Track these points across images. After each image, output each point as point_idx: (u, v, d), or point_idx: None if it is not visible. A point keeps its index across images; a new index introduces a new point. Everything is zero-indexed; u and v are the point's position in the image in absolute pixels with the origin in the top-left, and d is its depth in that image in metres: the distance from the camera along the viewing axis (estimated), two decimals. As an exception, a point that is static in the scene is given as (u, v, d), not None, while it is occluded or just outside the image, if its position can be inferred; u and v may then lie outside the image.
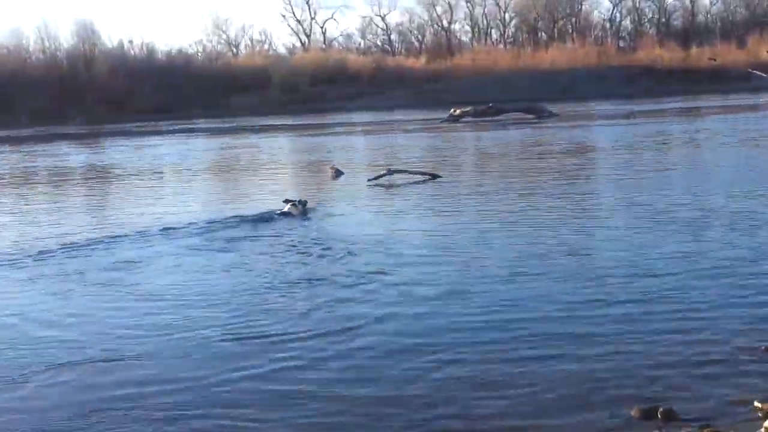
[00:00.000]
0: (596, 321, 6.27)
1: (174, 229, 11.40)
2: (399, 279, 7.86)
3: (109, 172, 21.72)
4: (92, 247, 10.39)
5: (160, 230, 11.31)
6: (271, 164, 22.33)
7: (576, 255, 8.58)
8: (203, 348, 6.13)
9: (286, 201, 12.58)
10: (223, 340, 6.27)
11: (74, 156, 28.78)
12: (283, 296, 7.46)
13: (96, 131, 46.67)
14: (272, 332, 6.40)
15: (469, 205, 12.60)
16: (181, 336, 6.44)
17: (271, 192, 15.56)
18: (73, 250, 10.24)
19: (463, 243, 9.51)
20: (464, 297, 7.13)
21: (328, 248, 9.54)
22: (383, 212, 12.42)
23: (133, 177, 19.81)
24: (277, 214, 12.20)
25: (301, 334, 6.30)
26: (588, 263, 8.19)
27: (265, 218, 12.01)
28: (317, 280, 8.04)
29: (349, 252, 9.20)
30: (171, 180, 19.23)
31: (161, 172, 20.98)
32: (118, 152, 29.17)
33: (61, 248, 10.32)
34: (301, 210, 12.34)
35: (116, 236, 10.98)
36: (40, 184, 19.84)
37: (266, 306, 7.16)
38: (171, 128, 45.75)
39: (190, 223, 11.74)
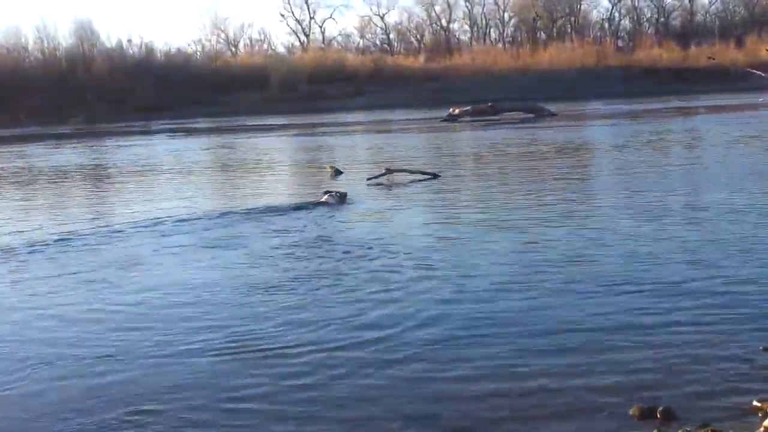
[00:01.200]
0: (596, 319, 6.27)
1: (183, 222, 11.82)
2: (401, 279, 7.87)
3: (114, 170, 21.73)
4: (129, 234, 11.06)
5: (173, 223, 11.75)
6: (270, 163, 22.32)
7: (577, 254, 8.57)
8: (206, 352, 6.13)
9: (326, 192, 13.33)
10: (224, 344, 6.28)
11: (89, 155, 28.76)
12: (282, 295, 7.48)
13: (96, 130, 46.62)
14: (275, 337, 6.41)
15: (471, 206, 12.58)
16: (189, 338, 6.43)
17: (272, 190, 15.61)
18: (112, 239, 10.74)
19: (469, 242, 9.51)
20: (471, 297, 7.13)
21: (336, 247, 9.57)
22: (386, 212, 12.39)
23: (132, 175, 19.81)
24: (314, 204, 12.87)
25: (305, 340, 6.31)
26: (588, 262, 8.18)
27: (302, 208, 12.68)
28: (323, 279, 8.03)
29: (357, 252, 9.20)
30: (172, 177, 19.18)
31: (162, 171, 20.94)
32: (118, 151, 29.16)
33: (90, 236, 10.90)
34: (338, 200, 12.97)
35: (129, 228, 11.47)
36: (44, 181, 19.83)
37: (269, 307, 7.17)
38: (170, 127, 45.71)
39: (200, 217, 12.13)
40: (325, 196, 13.11)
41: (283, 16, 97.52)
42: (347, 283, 7.81)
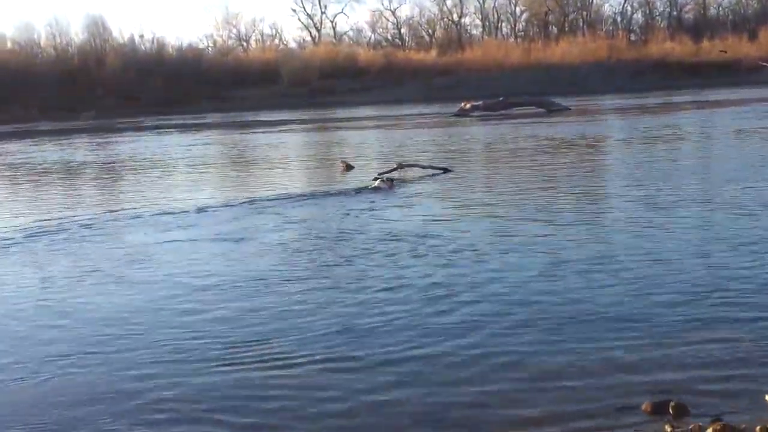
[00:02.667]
0: (607, 314, 6.26)
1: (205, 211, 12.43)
2: (411, 275, 7.89)
3: (129, 163, 21.82)
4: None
5: (201, 210, 12.47)
6: (282, 158, 22.35)
7: (591, 247, 8.56)
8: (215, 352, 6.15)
9: (377, 178, 14.61)
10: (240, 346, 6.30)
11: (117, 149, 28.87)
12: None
13: (108, 126, 46.80)
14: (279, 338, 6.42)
15: (484, 200, 12.55)
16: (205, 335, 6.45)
17: (283, 184, 15.64)
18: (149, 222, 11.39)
19: (484, 238, 9.50)
20: (487, 292, 7.12)
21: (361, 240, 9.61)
22: (402, 206, 12.39)
23: (142, 168, 19.89)
24: (370, 188, 13.98)
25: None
26: (602, 255, 8.16)
27: (360, 192, 13.81)
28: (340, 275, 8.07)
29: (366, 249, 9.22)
30: (183, 171, 19.24)
31: (171, 165, 21.00)
32: (133, 146, 29.27)
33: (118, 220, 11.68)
34: (390, 186, 14.11)
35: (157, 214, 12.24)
36: (54, 175, 19.91)
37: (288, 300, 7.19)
38: (182, 123, 45.83)
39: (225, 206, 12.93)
40: (377, 182, 14.25)
41: (294, 11, 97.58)
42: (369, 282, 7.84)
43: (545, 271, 7.70)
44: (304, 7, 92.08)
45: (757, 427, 4.19)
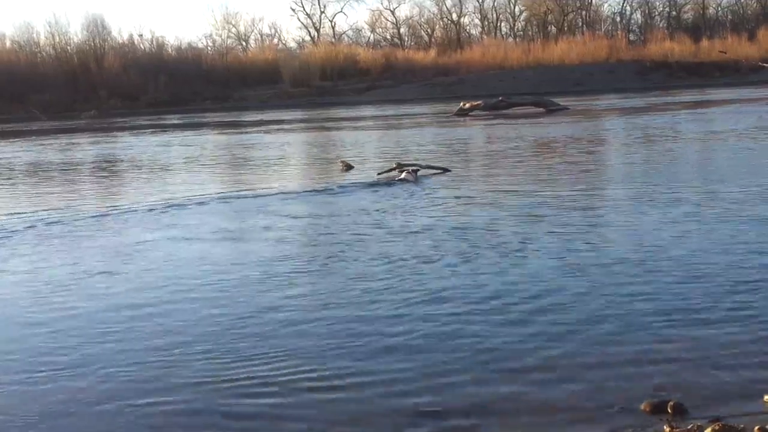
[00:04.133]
0: (607, 314, 6.29)
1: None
2: (418, 277, 7.92)
3: (144, 162, 21.84)
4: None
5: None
6: (282, 157, 22.34)
7: (592, 248, 8.59)
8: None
9: (403, 170, 15.07)
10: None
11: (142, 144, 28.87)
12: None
13: (108, 125, 46.77)
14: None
15: (485, 199, 12.55)
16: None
17: (285, 183, 15.64)
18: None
19: (487, 237, 9.52)
20: (493, 289, 7.16)
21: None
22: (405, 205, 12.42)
23: (142, 167, 19.89)
24: (397, 180, 14.59)
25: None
26: (601, 256, 8.20)
27: (390, 184, 14.35)
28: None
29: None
30: (184, 170, 19.22)
31: (172, 164, 20.98)
32: (135, 144, 29.27)
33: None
34: (415, 178, 14.65)
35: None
36: (53, 173, 19.92)
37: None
38: (182, 122, 45.78)
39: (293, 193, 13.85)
40: (404, 174, 14.74)
41: (293, 10, 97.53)
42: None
43: (545, 271, 7.73)
44: (303, 7, 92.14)
45: (756, 427, 4.22)
